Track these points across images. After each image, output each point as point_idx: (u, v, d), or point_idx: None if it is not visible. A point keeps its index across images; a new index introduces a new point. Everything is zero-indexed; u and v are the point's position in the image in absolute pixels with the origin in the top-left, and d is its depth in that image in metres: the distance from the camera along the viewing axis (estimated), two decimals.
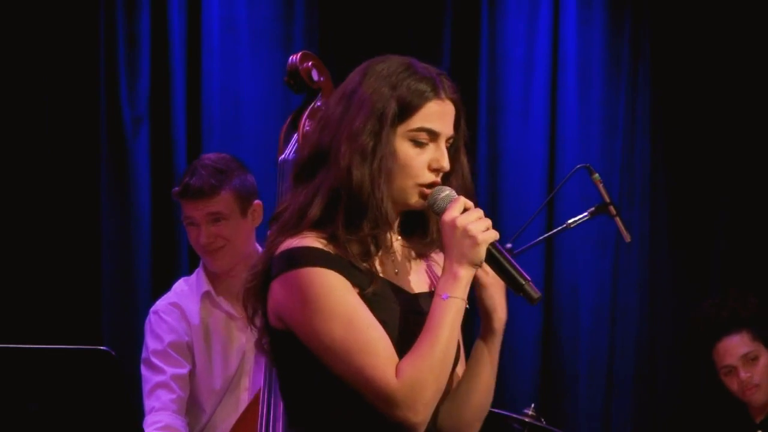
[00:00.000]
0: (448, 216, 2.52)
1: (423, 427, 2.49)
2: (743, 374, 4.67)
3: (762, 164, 5.44)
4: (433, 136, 2.58)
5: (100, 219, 5.15)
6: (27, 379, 2.91)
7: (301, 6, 5.35)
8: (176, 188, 3.98)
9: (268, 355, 2.64)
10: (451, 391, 2.67)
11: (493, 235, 2.52)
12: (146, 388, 3.96)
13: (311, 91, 3.91)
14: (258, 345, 2.64)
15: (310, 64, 3.82)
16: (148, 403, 3.92)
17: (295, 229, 2.55)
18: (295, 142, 3.86)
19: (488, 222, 2.52)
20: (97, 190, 5.16)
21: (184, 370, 3.95)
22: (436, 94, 2.59)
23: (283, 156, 3.85)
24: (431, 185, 2.58)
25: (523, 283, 2.54)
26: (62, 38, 5.14)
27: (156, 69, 5.20)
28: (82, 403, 2.91)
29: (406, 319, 2.55)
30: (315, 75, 3.88)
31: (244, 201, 4.00)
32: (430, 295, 2.60)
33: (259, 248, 4.02)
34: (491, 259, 2.54)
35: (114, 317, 5.13)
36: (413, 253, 2.68)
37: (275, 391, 3.60)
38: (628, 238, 4.45)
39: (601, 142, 5.45)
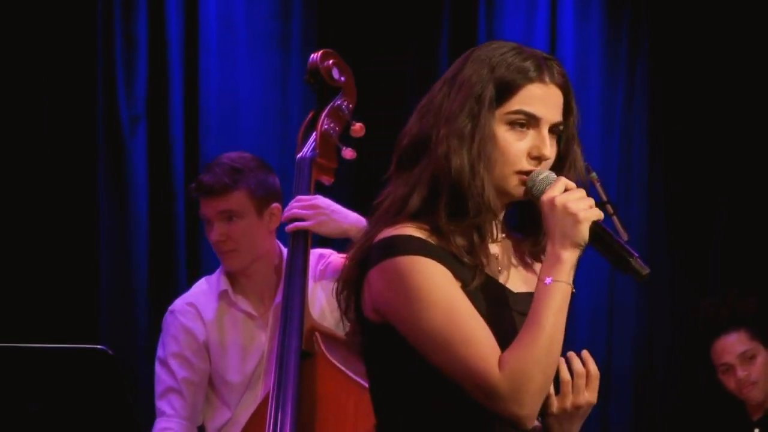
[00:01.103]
0: (547, 196, 2.39)
1: (531, 421, 2.39)
2: (740, 373, 4.67)
3: (760, 164, 5.44)
4: (534, 121, 2.45)
5: (97, 218, 5.15)
6: (25, 379, 2.91)
7: (298, 5, 5.34)
8: (192, 184, 3.96)
9: (361, 352, 2.53)
10: None
11: (596, 213, 2.40)
12: (158, 389, 3.94)
13: (331, 90, 3.89)
14: (350, 342, 2.55)
15: (330, 62, 3.81)
16: (159, 405, 3.91)
17: (395, 219, 2.45)
18: (314, 140, 3.85)
19: (590, 201, 2.40)
20: (94, 190, 5.15)
21: (197, 376, 3.93)
22: (539, 76, 2.47)
23: (300, 154, 3.84)
24: (530, 173, 2.45)
25: (630, 259, 2.41)
26: (60, 37, 5.14)
27: (153, 68, 5.20)
28: (80, 402, 2.91)
29: (506, 317, 2.43)
30: (336, 74, 3.87)
31: (260, 201, 3.95)
32: (532, 295, 2.44)
33: (281, 246, 4.02)
34: (595, 237, 2.41)
35: (111, 316, 5.13)
36: (521, 253, 2.57)
37: (283, 392, 3.59)
38: (625, 236, 4.45)
39: (598, 140, 5.45)
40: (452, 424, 2.42)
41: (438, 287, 2.37)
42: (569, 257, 2.40)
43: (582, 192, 2.41)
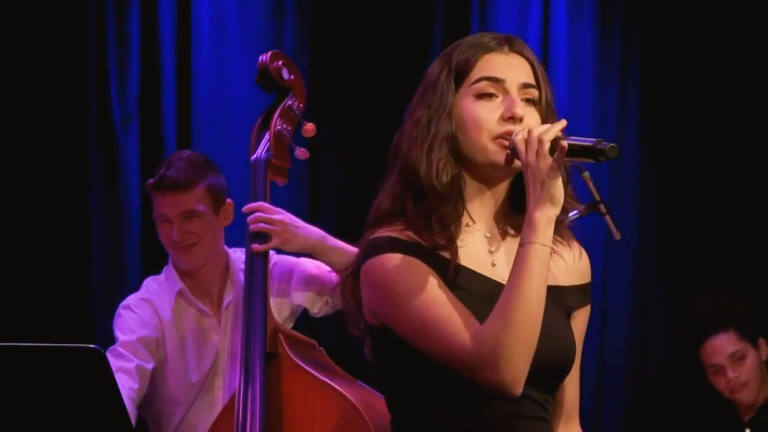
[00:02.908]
0: (521, 156, 2.40)
1: (517, 386, 2.37)
2: (731, 374, 4.66)
3: (753, 162, 5.45)
4: (498, 83, 2.47)
5: (89, 217, 5.15)
6: (16, 378, 2.90)
7: (291, 5, 5.34)
8: (150, 180, 3.93)
9: (372, 357, 2.57)
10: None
11: (549, 135, 2.39)
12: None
13: (282, 90, 3.91)
14: (366, 348, 2.58)
15: (280, 63, 3.82)
16: None
17: (374, 226, 2.51)
18: (267, 141, 3.85)
19: (544, 142, 2.37)
20: (86, 189, 5.15)
21: (149, 366, 3.93)
22: (497, 45, 2.49)
23: (255, 156, 3.84)
24: (507, 134, 2.45)
25: (595, 145, 2.43)
26: (52, 36, 5.13)
27: (146, 67, 5.20)
28: (72, 401, 2.91)
29: (486, 307, 2.42)
30: (285, 74, 3.88)
31: (217, 198, 3.97)
32: None
33: (227, 249, 4.02)
34: (557, 151, 2.40)
35: (104, 315, 5.12)
36: (504, 234, 2.57)
37: (252, 392, 3.59)
38: (618, 236, 4.42)
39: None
40: (455, 421, 2.44)
41: (410, 278, 2.41)
42: (541, 216, 2.40)
43: (536, 135, 2.38)
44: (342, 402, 3.46)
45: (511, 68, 2.48)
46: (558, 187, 2.41)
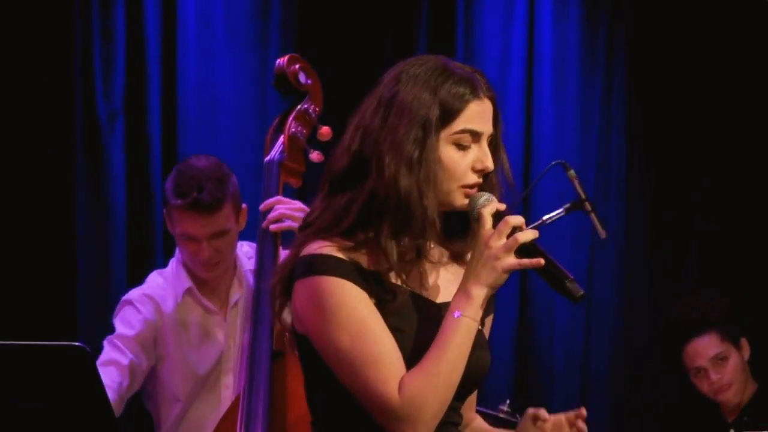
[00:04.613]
0: (483, 233, 2.49)
1: None
2: (714, 376, 4.65)
3: (739, 161, 5.46)
4: (476, 136, 2.56)
5: (75, 214, 5.13)
6: (1, 376, 2.90)
7: (277, 3, 5.34)
8: (179, 201, 3.89)
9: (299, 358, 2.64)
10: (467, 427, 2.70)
11: (525, 239, 2.47)
12: (101, 359, 3.91)
13: (298, 94, 3.91)
14: (290, 345, 2.67)
15: (297, 66, 3.83)
16: None
17: (324, 234, 2.53)
18: (281, 143, 3.86)
19: (517, 243, 2.46)
20: (72, 185, 5.14)
21: (144, 365, 3.93)
22: (476, 95, 2.57)
23: (269, 157, 3.85)
24: (474, 186, 2.56)
25: (566, 281, 2.49)
26: (37, 33, 5.11)
27: (131, 64, 5.19)
28: (57, 399, 2.90)
29: (425, 329, 2.52)
30: (302, 78, 3.89)
31: (238, 208, 3.99)
32: None
33: (238, 252, 4.03)
34: (528, 256, 2.48)
35: (89, 312, 5.12)
36: (446, 257, 2.66)
37: (255, 392, 3.60)
38: (603, 234, 4.46)
39: (576, 138, 5.47)
40: (373, 428, 2.50)
41: (349, 309, 2.47)
42: (480, 295, 2.50)
43: (515, 221, 2.48)
44: None
45: (487, 119, 2.58)
46: (504, 279, 2.50)
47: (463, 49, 5.45)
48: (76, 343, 2.88)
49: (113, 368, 3.87)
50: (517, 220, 2.50)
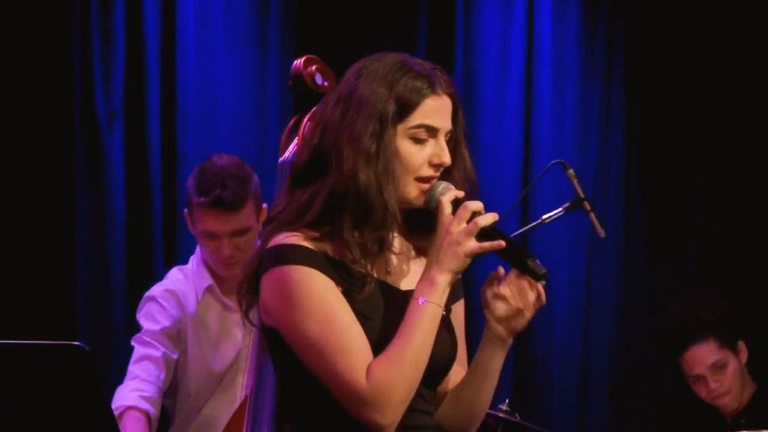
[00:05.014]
0: (443, 219, 2.53)
1: (391, 429, 2.51)
2: (713, 384, 4.62)
3: (738, 160, 5.46)
4: (433, 131, 2.59)
5: (74, 214, 5.13)
6: (0, 375, 2.90)
7: (276, 2, 5.34)
8: (202, 199, 3.91)
9: (268, 351, 2.66)
10: (453, 393, 2.70)
11: (485, 222, 2.51)
12: (135, 356, 3.93)
13: (315, 96, 3.91)
14: (260, 341, 2.68)
15: (314, 68, 3.82)
16: (133, 369, 3.89)
17: (289, 226, 2.57)
18: (296, 145, 3.87)
19: (478, 227, 2.50)
20: (71, 185, 5.14)
21: (175, 356, 3.95)
22: (433, 90, 2.60)
23: (283, 158, 3.86)
24: (429, 179, 2.58)
25: (527, 260, 2.53)
26: (36, 32, 5.11)
27: (131, 64, 5.18)
28: (56, 398, 2.90)
29: (391, 317, 2.55)
30: (319, 79, 3.89)
31: (258, 207, 4.00)
32: None
33: None
34: (488, 239, 2.51)
35: (88, 312, 5.12)
36: (413, 251, 2.70)
37: (262, 390, 3.60)
38: (602, 233, 4.46)
39: (575, 137, 5.47)
40: (337, 423, 2.53)
41: (316, 297, 2.50)
42: (443, 281, 2.52)
43: (474, 206, 2.52)
44: None
45: (444, 115, 2.61)
46: (466, 264, 2.53)
47: (462, 49, 5.45)
48: (76, 343, 2.89)
49: (148, 363, 3.89)
50: (476, 205, 2.53)
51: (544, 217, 4.37)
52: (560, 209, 4.38)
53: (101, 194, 5.15)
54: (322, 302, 2.50)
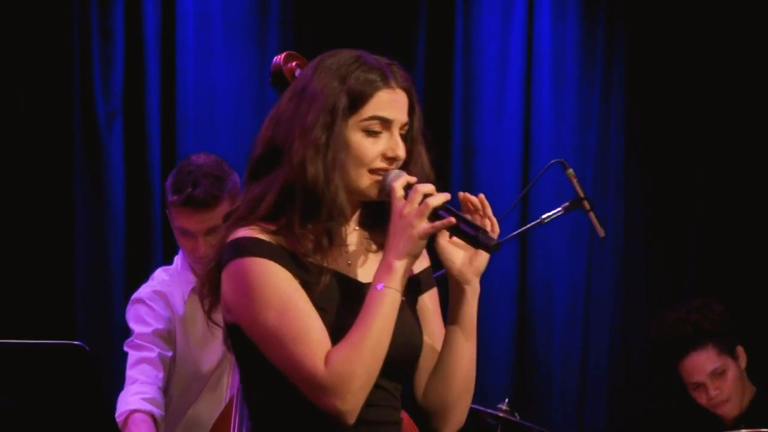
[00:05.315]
0: (396, 203, 2.53)
1: (353, 416, 2.49)
2: (713, 391, 4.59)
3: (737, 160, 5.46)
4: (386, 123, 2.59)
5: (74, 213, 5.14)
6: (0, 374, 2.90)
7: (276, 1, 5.34)
8: (175, 197, 3.91)
9: (230, 348, 2.66)
10: (435, 366, 2.67)
11: (435, 203, 2.51)
12: (131, 361, 3.93)
13: None
14: (224, 341, 2.68)
15: (294, 64, 3.81)
16: (131, 374, 3.88)
17: (245, 221, 2.58)
18: None
19: (429, 207, 2.50)
20: (71, 185, 5.14)
21: (169, 354, 3.95)
22: (386, 83, 2.61)
23: None
24: (383, 171, 2.59)
25: (478, 235, 2.53)
26: (36, 32, 5.12)
27: (130, 63, 5.19)
28: (56, 398, 2.90)
29: (350, 308, 2.55)
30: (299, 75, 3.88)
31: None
32: None
33: None
34: (436, 217, 2.51)
35: (88, 312, 5.12)
36: (373, 245, 2.69)
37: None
38: (602, 233, 4.46)
39: (575, 137, 5.47)
40: (298, 418, 2.54)
41: (273, 288, 2.51)
42: (400, 265, 2.52)
43: (426, 189, 2.52)
44: None
45: (398, 107, 2.61)
46: (422, 246, 2.53)
47: (462, 49, 5.45)
48: (76, 342, 2.89)
49: (145, 365, 3.88)
50: (428, 187, 2.53)
51: (544, 216, 4.37)
52: (560, 209, 4.38)
53: (101, 193, 5.15)
54: (281, 292, 2.50)
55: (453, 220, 2.51)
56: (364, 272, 2.64)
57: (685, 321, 4.63)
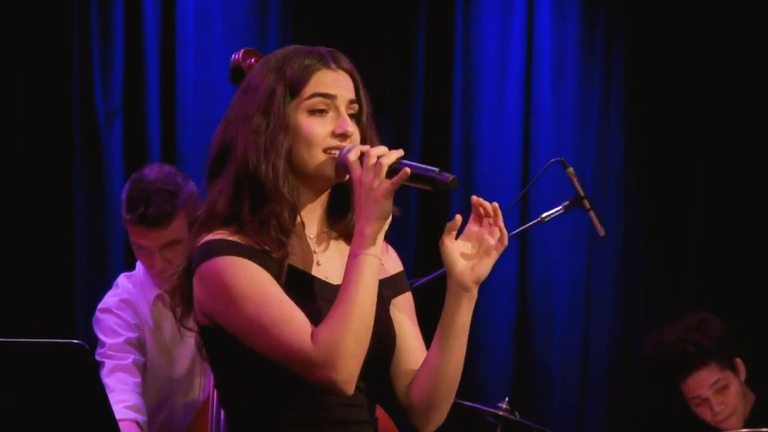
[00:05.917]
0: (353, 173, 2.54)
1: (350, 386, 2.49)
2: (717, 407, 4.56)
3: (737, 160, 5.46)
4: (329, 100, 2.62)
5: (73, 212, 5.14)
6: (0, 374, 2.90)
7: (275, 1, 5.34)
8: (129, 216, 3.89)
9: (206, 356, 2.66)
10: (423, 364, 2.68)
11: (389, 160, 2.51)
12: (105, 371, 3.91)
13: None
14: (197, 347, 2.68)
15: (252, 60, 3.80)
16: (108, 383, 3.85)
17: (207, 226, 2.60)
18: None
19: (383, 166, 2.50)
20: (70, 184, 5.14)
21: (142, 360, 3.94)
22: (326, 65, 2.64)
23: None
24: (336, 149, 2.60)
25: (434, 178, 2.50)
26: (36, 31, 5.12)
27: (130, 62, 5.19)
28: (56, 396, 2.90)
29: (319, 307, 2.56)
30: None
31: (192, 217, 3.95)
32: None
33: None
34: (395, 175, 2.51)
35: (87, 311, 5.10)
36: (343, 243, 2.70)
37: None
38: (602, 232, 4.46)
39: (575, 136, 5.47)
40: (290, 411, 2.55)
41: (248, 280, 2.52)
42: (371, 230, 2.51)
43: (379, 150, 2.52)
44: None
45: (341, 85, 2.64)
46: (389, 205, 2.52)
47: (462, 48, 5.45)
48: (76, 341, 2.89)
49: (121, 373, 3.87)
50: (380, 149, 2.53)
51: (544, 215, 4.37)
52: (560, 208, 4.38)
53: (100, 193, 5.16)
54: (255, 284, 2.51)
55: (408, 170, 2.50)
56: (335, 273, 2.64)
57: (686, 341, 4.59)
